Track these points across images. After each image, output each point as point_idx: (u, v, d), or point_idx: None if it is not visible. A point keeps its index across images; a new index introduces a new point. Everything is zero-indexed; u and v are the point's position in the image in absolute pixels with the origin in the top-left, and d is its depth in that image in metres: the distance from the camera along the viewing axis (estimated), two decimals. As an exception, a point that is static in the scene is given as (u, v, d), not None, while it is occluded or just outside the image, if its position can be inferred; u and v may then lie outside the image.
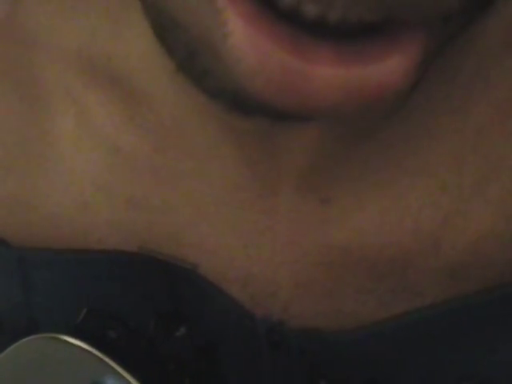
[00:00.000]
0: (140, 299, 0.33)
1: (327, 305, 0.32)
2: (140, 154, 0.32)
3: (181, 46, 0.24)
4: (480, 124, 0.30)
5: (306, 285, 0.32)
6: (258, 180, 0.32)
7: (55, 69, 0.33)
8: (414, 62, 0.20)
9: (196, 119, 0.31)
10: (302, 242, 0.32)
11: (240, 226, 0.32)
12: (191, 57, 0.23)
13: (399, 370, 0.32)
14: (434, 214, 0.31)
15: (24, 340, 0.32)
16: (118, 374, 0.32)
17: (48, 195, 0.33)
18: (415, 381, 0.32)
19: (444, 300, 0.31)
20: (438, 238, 0.31)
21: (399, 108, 0.30)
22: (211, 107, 0.29)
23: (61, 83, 0.33)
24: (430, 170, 0.31)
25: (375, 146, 0.31)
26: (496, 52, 0.30)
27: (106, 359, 0.32)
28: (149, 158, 0.32)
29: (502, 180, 0.31)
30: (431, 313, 0.31)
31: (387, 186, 0.31)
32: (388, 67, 0.20)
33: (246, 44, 0.20)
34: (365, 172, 0.31)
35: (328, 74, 0.19)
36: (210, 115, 0.30)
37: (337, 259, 0.32)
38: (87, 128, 0.33)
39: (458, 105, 0.30)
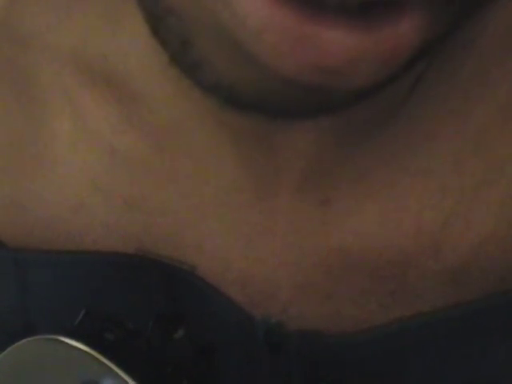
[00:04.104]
0: (138, 301, 0.33)
1: (326, 307, 0.32)
2: (137, 155, 0.32)
3: (174, 37, 0.23)
4: (481, 125, 0.30)
5: (305, 286, 0.32)
6: (257, 181, 0.31)
7: (51, 68, 0.32)
8: (424, 21, 0.20)
9: (194, 119, 0.31)
10: (301, 244, 0.32)
11: (238, 227, 0.32)
12: (184, 47, 0.23)
13: (399, 375, 0.32)
14: (435, 217, 0.31)
15: (21, 342, 0.32)
16: (117, 375, 0.31)
17: (43, 196, 0.33)
18: None
19: (445, 304, 0.31)
20: (438, 240, 0.31)
21: (398, 108, 0.30)
22: (210, 107, 0.28)
23: (57, 83, 0.32)
24: (430, 171, 0.31)
25: (375, 147, 0.31)
26: (496, 53, 0.29)
27: (105, 360, 0.31)
28: (146, 159, 0.32)
29: (503, 183, 0.30)
30: (433, 317, 0.31)
31: (387, 188, 0.31)
32: (399, 27, 0.19)
33: (254, 2, 0.19)
34: (364, 173, 0.31)
35: (341, 34, 0.19)
36: (209, 115, 0.30)
37: (336, 261, 0.32)
38: (83, 128, 0.32)
39: (457, 106, 0.30)
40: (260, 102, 0.23)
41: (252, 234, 0.32)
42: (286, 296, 0.32)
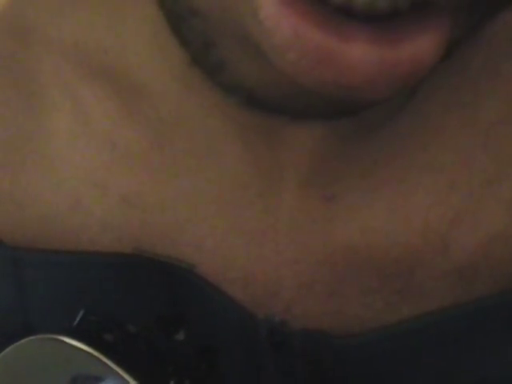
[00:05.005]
0: (138, 301, 0.32)
1: (331, 305, 0.31)
2: (137, 151, 0.31)
3: (196, 37, 0.23)
4: (490, 119, 0.29)
5: (310, 285, 0.31)
6: (260, 177, 0.31)
7: (52, 62, 0.32)
8: (445, 36, 0.20)
9: (198, 115, 0.30)
10: (306, 241, 0.31)
11: (241, 224, 0.31)
12: (206, 48, 0.23)
13: (405, 375, 0.31)
14: (443, 213, 0.30)
15: (20, 342, 0.31)
16: (117, 374, 0.31)
17: (41, 193, 0.32)
18: None
19: (453, 302, 0.30)
20: (446, 237, 0.30)
21: (406, 103, 0.29)
22: (217, 102, 0.28)
23: (57, 77, 0.32)
24: (439, 166, 0.30)
25: (382, 142, 0.30)
26: (506, 46, 0.29)
27: (106, 360, 0.31)
28: (146, 154, 0.31)
29: None
30: (440, 316, 0.30)
31: (394, 183, 0.30)
32: (420, 44, 0.20)
33: (280, 15, 0.19)
34: (371, 169, 0.30)
35: (363, 51, 0.19)
36: (215, 111, 0.29)
37: (341, 259, 0.31)
38: (83, 123, 0.32)
39: (467, 99, 0.29)
40: (280, 105, 0.24)
41: (255, 231, 0.31)
42: (289, 294, 0.32)
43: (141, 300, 0.32)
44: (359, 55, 0.19)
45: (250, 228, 0.31)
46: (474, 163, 0.30)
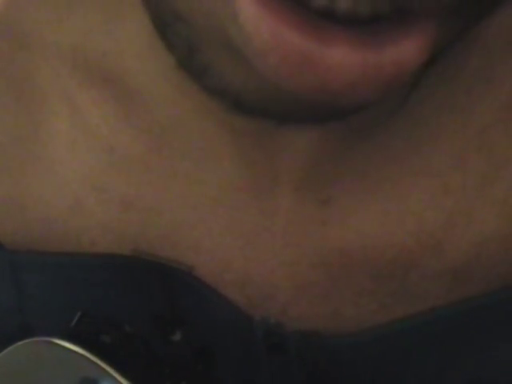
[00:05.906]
0: (135, 303, 0.32)
1: (326, 307, 0.32)
2: (134, 154, 0.32)
3: (181, 42, 0.23)
4: (484, 123, 0.30)
5: (305, 287, 0.32)
6: (256, 180, 0.31)
7: (50, 67, 0.32)
8: (429, 40, 0.20)
9: (193, 119, 0.30)
10: (301, 244, 0.31)
11: (237, 227, 0.32)
12: (191, 52, 0.23)
13: (400, 375, 0.32)
14: (437, 215, 0.30)
15: (18, 344, 0.31)
16: (113, 377, 0.31)
17: (41, 196, 0.33)
18: None
19: (447, 303, 0.31)
20: (440, 239, 0.31)
21: (400, 106, 0.30)
22: (210, 106, 0.28)
23: (55, 82, 0.32)
24: (433, 170, 0.30)
25: (376, 146, 0.30)
26: (501, 49, 0.29)
27: (101, 363, 0.31)
28: (143, 158, 0.32)
29: (506, 181, 0.30)
30: (433, 316, 0.31)
31: (388, 187, 0.31)
32: (403, 48, 0.20)
33: (259, 19, 0.19)
34: (365, 172, 0.31)
35: (344, 54, 0.19)
36: (209, 114, 0.30)
37: (336, 261, 0.31)
38: (82, 128, 0.32)
39: (460, 103, 0.30)
40: (267, 109, 0.24)
41: (251, 234, 0.32)
42: (285, 296, 0.32)
43: (139, 301, 0.32)
44: (340, 58, 0.19)
45: (246, 230, 0.32)
46: (467, 166, 0.30)
